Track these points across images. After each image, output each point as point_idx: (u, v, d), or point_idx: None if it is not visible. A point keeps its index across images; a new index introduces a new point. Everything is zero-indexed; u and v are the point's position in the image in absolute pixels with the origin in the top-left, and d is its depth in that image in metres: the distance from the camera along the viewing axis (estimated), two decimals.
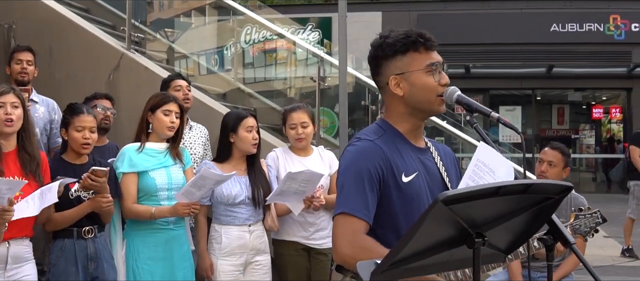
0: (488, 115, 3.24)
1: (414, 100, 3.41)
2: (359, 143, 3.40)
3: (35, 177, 5.06)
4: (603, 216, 4.40)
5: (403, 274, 2.75)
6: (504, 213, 2.65)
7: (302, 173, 5.93)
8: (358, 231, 3.22)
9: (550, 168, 6.29)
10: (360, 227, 3.23)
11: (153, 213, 5.72)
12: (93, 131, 5.51)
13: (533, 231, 2.87)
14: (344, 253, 3.24)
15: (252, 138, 6.19)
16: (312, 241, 6.47)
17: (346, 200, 3.27)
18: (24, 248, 5.09)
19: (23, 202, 4.84)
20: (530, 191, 2.61)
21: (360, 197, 3.25)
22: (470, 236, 2.58)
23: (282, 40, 11.94)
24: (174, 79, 7.08)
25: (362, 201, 3.24)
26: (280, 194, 6.02)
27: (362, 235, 3.22)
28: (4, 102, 4.98)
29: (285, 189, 5.95)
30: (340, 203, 3.29)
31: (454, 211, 2.45)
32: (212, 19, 13.30)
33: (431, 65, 3.37)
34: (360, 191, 3.25)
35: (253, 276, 6.21)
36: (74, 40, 8.61)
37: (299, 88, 12.24)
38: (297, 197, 6.10)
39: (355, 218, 3.23)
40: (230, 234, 6.11)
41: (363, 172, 3.27)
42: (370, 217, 3.25)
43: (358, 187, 3.26)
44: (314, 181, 6.04)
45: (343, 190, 3.31)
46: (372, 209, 3.26)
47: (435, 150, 3.63)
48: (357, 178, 3.27)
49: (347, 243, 3.23)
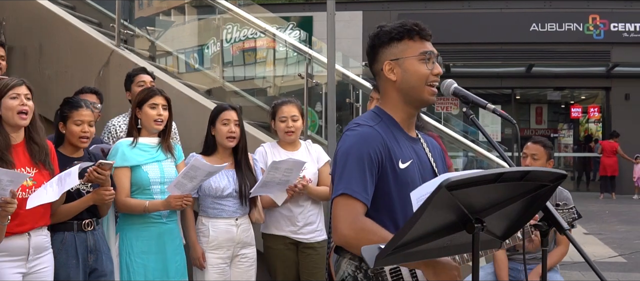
0: (484, 106, 3.38)
1: (406, 86, 3.53)
2: (358, 129, 3.50)
3: (45, 166, 5.12)
4: (578, 212, 4.50)
5: (405, 258, 2.87)
6: (501, 200, 2.77)
7: (285, 161, 6.03)
8: (358, 213, 3.32)
9: (534, 162, 6.40)
10: (360, 209, 3.33)
11: (146, 206, 5.79)
12: (91, 124, 5.56)
13: (527, 218, 2.99)
14: (345, 234, 3.32)
15: (227, 131, 6.20)
16: (300, 236, 6.54)
17: (348, 182, 3.36)
18: (43, 237, 5.15)
19: (40, 189, 4.91)
20: (527, 178, 2.74)
21: (361, 180, 3.34)
22: (470, 222, 2.71)
23: (268, 38, 11.94)
24: (138, 74, 7.08)
25: (362, 184, 3.34)
26: (264, 185, 6.10)
27: (362, 217, 3.32)
28: (18, 94, 5.02)
29: (269, 180, 6.04)
30: (341, 185, 3.37)
31: (455, 197, 2.57)
32: (197, 16, 13.34)
33: (425, 53, 3.50)
34: (361, 174, 3.35)
35: (239, 269, 6.28)
36: (64, 38, 8.65)
37: (284, 86, 12.32)
38: (280, 187, 6.19)
39: (356, 200, 3.32)
40: (217, 227, 6.17)
41: (364, 155, 3.37)
42: (369, 200, 3.35)
43: (359, 170, 3.36)
44: (297, 169, 6.14)
45: (344, 172, 3.39)
46: (370, 192, 3.37)
47: (424, 141, 3.76)
48: (359, 161, 3.37)
49: (348, 224, 3.31)
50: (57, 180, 4.93)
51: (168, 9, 13.58)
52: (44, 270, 5.14)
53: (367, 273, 3.39)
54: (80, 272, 5.42)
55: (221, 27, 12.14)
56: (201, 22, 13.22)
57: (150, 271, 5.82)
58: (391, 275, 3.39)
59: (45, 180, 5.03)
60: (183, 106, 7.18)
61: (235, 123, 6.23)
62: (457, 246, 2.92)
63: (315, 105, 10.83)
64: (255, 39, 12.22)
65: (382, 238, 3.10)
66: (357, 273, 3.41)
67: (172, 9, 13.60)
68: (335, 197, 3.38)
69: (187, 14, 13.68)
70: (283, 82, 12.38)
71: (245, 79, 12.72)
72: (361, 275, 3.40)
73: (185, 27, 13.55)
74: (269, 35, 11.69)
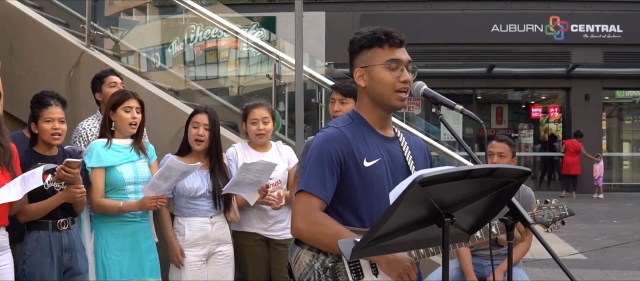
0: (453, 107, 3.53)
1: (373, 92, 3.71)
2: (326, 130, 3.72)
3: (8, 168, 5.15)
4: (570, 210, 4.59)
5: (379, 251, 3.05)
6: (469, 196, 2.94)
7: (256, 163, 6.13)
8: (313, 208, 3.55)
9: (501, 159, 6.54)
10: (315, 204, 3.55)
11: (121, 207, 5.88)
12: (62, 121, 5.63)
13: (494, 214, 3.15)
14: (298, 227, 3.58)
15: (196, 134, 6.32)
16: (271, 233, 6.66)
17: (306, 179, 3.60)
18: (1, 237, 5.17)
19: (4, 188, 4.96)
20: (494, 175, 2.91)
21: (319, 177, 3.56)
22: (441, 216, 2.87)
23: (233, 37, 12.00)
24: (107, 75, 7.09)
25: (320, 181, 3.56)
26: (235, 185, 6.20)
27: (315, 211, 3.54)
28: None
29: (240, 180, 6.14)
30: (301, 183, 3.61)
31: (427, 192, 2.73)
32: (163, 15, 13.35)
33: (391, 61, 3.65)
34: (320, 172, 3.57)
35: (216, 266, 6.39)
36: (34, 38, 8.69)
37: (249, 86, 12.39)
38: (252, 188, 6.29)
39: (312, 195, 3.55)
40: (192, 226, 6.28)
41: (324, 155, 3.59)
42: (327, 196, 3.57)
43: (318, 168, 3.58)
44: (268, 171, 6.24)
45: (305, 170, 3.64)
46: (329, 189, 3.57)
47: (406, 140, 3.91)
48: (318, 160, 3.60)
49: (302, 218, 3.56)
50: (21, 180, 4.99)
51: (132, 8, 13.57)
52: (3, 268, 5.17)
53: (324, 263, 3.58)
54: (54, 270, 5.48)
55: (186, 27, 12.18)
56: (166, 22, 13.22)
57: (126, 269, 5.92)
58: (349, 263, 3.57)
59: (7, 182, 5.06)
60: (152, 106, 7.24)
61: (205, 127, 6.34)
62: (428, 239, 3.08)
63: (279, 105, 10.92)
64: (220, 39, 12.26)
65: (333, 231, 3.40)
66: (313, 263, 3.60)
67: (136, 8, 13.59)
68: (296, 193, 3.62)
69: (152, 14, 13.70)
70: (247, 81, 12.44)
71: (209, 79, 12.77)
72: (318, 263, 3.59)
73: (150, 26, 13.55)
74: (231, 34, 11.74)
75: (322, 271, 3.57)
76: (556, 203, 4.50)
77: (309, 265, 3.61)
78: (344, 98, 6.24)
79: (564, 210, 4.48)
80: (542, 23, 26.62)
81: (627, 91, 30.20)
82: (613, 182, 29.39)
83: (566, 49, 26.84)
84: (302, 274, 3.63)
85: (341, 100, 6.24)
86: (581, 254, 13.34)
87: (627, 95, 30.54)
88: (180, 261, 6.22)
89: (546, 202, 4.50)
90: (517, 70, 27.69)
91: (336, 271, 3.56)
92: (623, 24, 26.65)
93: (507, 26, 26.58)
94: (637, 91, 30.04)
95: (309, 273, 3.59)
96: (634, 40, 26.25)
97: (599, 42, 26.74)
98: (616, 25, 26.68)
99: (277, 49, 10.72)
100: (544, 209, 4.44)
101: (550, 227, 4.47)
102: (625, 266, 12.31)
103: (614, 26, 26.69)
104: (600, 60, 26.93)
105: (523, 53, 26.65)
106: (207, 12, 10.97)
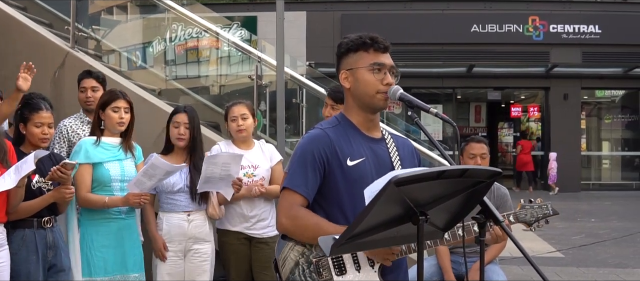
0: (427, 110, 3.67)
1: (358, 93, 3.88)
2: (311, 132, 3.91)
3: (3, 164, 5.27)
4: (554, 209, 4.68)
5: (357, 247, 3.23)
6: (443, 195, 3.10)
7: (220, 156, 6.29)
8: (295, 204, 3.74)
9: (483, 161, 6.70)
10: (297, 201, 3.74)
11: (106, 202, 5.99)
12: (51, 126, 5.76)
13: (467, 212, 3.30)
14: (282, 221, 3.78)
15: (177, 133, 6.50)
16: (253, 231, 6.78)
17: (290, 177, 3.79)
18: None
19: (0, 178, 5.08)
20: (466, 175, 3.06)
21: (302, 176, 3.75)
22: (415, 215, 3.03)
23: (214, 37, 12.07)
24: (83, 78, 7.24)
25: (303, 179, 3.75)
26: (206, 181, 6.31)
27: (297, 207, 3.73)
28: None
29: (209, 175, 6.26)
30: (286, 181, 3.81)
31: (402, 192, 2.87)
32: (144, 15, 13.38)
33: (375, 64, 3.82)
34: (303, 171, 3.76)
35: (192, 264, 6.53)
36: (19, 39, 8.74)
37: (230, 85, 12.46)
38: (225, 183, 6.41)
39: (295, 192, 3.74)
40: (170, 221, 6.45)
41: (307, 155, 3.77)
42: (309, 194, 3.75)
43: (301, 167, 3.77)
44: (235, 163, 6.36)
45: (290, 169, 3.82)
46: (311, 186, 3.76)
47: (394, 142, 4.07)
48: (301, 159, 3.79)
49: (285, 213, 3.76)
50: (15, 169, 5.09)
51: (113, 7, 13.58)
52: (0, 265, 5.30)
53: (309, 259, 3.76)
54: (40, 267, 5.58)
55: (167, 26, 12.23)
56: (147, 21, 13.25)
57: (110, 265, 6.03)
58: (332, 259, 3.76)
59: None
60: (136, 106, 7.30)
61: (185, 126, 6.50)
62: (404, 236, 3.22)
63: (260, 105, 11.01)
64: (202, 38, 12.33)
65: (314, 223, 3.62)
66: (299, 258, 3.77)
67: (118, 7, 13.61)
68: (281, 191, 3.83)
69: (133, 13, 13.72)
70: (229, 81, 12.52)
71: (191, 78, 12.82)
72: (302, 259, 3.76)
73: (131, 25, 13.56)
74: (212, 34, 11.85)
75: (306, 266, 3.73)
76: (540, 203, 4.59)
77: (294, 260, 3.77)
78: (335, 105, 6.50)
79: (547, 210, 4.58)
80: (521, 23, 26.84)
81: (607, 91, 30.45)
82: (592, 181, 29.64)
83: (545, 48, 27.07)
84: (288, 269, 3.78)
85: (333, 105, 6.54)
86: (559, 252, 13.53)
87: (606, 94, 30.79)
88: (164, 254, 6.39)
89: (530, 201, 4.60)
90: (496, 70, 27.85)
91: (320, 267, 3.72)
92: (601, 24, 26.90)
93: (486, 26, 26.79)
94: (616, 91, 30.28)
95: (294, 268, 3.75)
96: (613, 40, 26.52)
97: (577, 42, 26.99)
98: (595, 26, 26.93)
99: (258, 50, 10.81)
100: (527, 208, 4.55)
101: (533, 226, 4.57)
102: (601, 263, 12.51)
103: (593, 26, 26.95)
104: (579, 60, 27.17)
105: (502, 53, 26.84)
106: (186, 12, 11.06)
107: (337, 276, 3.73)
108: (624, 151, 30.98)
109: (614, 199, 24.22)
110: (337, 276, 3.73)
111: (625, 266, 12.26)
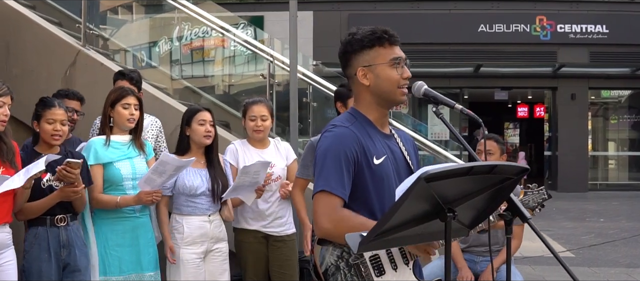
0: (452, 106, 3.63)
1: (379, 90, 3.79)
2: (335, 130, 3.74)
3: (11, 165, 5.32)
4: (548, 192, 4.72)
5: (384, 244, 3.17)
6: (471, 191, 3.06)
7: (253, 165, 6.25)
8: (336, 206, 3.57)
9: (490, 157, 6.66)
10: (337, 203, 3.58)
11: (118, 202, 5.98)
12: (64, 124, 5.72)
13: (493, 209, 3.27)
14: (325, 227, 3.59)
15: (204, 130, 6.47)
16: (270, 229, 6.78)
17: (326, 179, 3.61)
18: (5, 234, 5.34)
19: (8, 179, 5.09)
20: (494, 171, 3.02)
21: (338, 177, 3.60)
22: (443, 211, 2.98)
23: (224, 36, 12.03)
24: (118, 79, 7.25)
25: (340, 180, 3.59)
26: (234, 190, 6.34)
27: (339, 209, 3.57)
28: (4, 102, 5.30)
29: (240, 184, 6.27)
30: (320, 182, 3.63)
31: (431, 188, 2.84)
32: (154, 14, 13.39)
33: (395, 59, 3.75)
34: (338, 171, 3.61)
35: (213, 264, 6.49)
36: (31, 37, 8.70)
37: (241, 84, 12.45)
38: (250, 189, 6.42)
39: (334, 195, 3.57)
40: (191, 224, 6.38)
41: (340, 154, 3.63)
42: (346, 195, 3.61)
43: (336, 168, 3.61)
44: (264, 169, 6.37)
45: (323, 170, 3.65)
46: (348, 187, 3.62)
47: (399, 136, 4.02)
48: (336, 160, 3.62)
49: (327, 218, 3.57)
50: (25, 171, 5.12)
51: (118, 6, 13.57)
52: (6, 264, 5.33)
53: (349, 262, 3.64)
54: (52, 266, 5.59)
55: (178, 25, 12.22)
56: (156, 20, 13.24)
57: (125, 264, 6.03)
58: (371, 260, 3.65)
59: None
60: (148, 105, 7.30)
61: (210, 123, 6.51)
62: (431, 233, 3.19)
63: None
64: (212, 38, 12.30)
65: (360, 223, 3.42)
66: (339, 262, 3.65)
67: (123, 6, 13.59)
68: (316, 194, 3.64)
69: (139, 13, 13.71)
70: (238, 80, 12.50)
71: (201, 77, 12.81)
72: (343, 263, 3.64)
73: (139, 24, 13.56)
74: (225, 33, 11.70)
75: (347, 270, 3.64)
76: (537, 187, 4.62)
77: (335, 264, 3.67)
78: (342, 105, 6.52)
79: (544, 194, 4.60)
80: (528, 23, 26.73)
81: (613, 91, 30.35)
82: (599, 181, 29.56)
83: (552, 48, 26.96)
84: (329, 274, 3.69)
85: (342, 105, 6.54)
86: (569, 252, 13.47)
87: (612, 94, 30.67)
88: (171, 259, 6.35)
89: (528, 186, 4.61)
90: (503, 70, 27.74)
91: (360, 268, 3.64)
92: (609, 24, 26.79)
93: (494, 26, 26.70)
94: (623, 91, 30.19)
95: (336, 273, 3.66)
96: (620, 40, 26.40)
97: (585, 42, 26.88)
98: (602, 26, 26.82)
99: (270, 48, 10.80)
100: (528, 194, 4.56)
101: (535, 211, 4.59)
102: (613, 263, 12.46)
103: (600, 26, 26.83)
104: (586, 60, 27.07)
105: (510, 53, 26.74)
106: (198, 10, 11.03)
107: (377, 278, 3.65)
108: (630, 151, 30.89)
109: (621, 199, 24.15)
110: (377, 277, 3.65)
111: (636, 266, 12.20)
